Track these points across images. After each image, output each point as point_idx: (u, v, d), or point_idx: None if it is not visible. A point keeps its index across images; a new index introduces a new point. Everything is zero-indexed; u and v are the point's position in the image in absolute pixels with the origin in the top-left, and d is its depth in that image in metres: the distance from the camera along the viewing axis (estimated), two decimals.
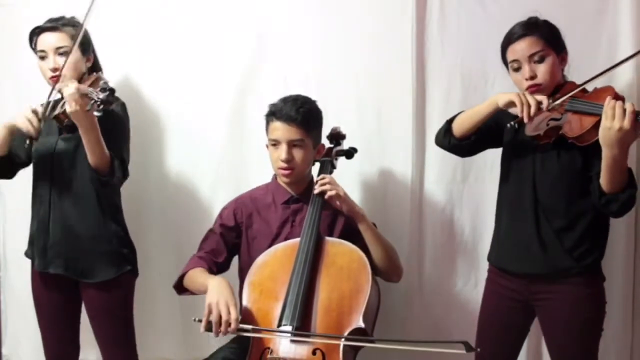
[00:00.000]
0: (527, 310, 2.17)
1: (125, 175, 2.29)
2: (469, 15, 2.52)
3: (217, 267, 2.25)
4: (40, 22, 2.30)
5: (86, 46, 2.29)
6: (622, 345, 2.51)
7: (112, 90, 2.04)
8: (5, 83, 2.84)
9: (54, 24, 2.26)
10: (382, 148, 2.63)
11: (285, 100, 2.23)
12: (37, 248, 2.31)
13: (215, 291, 1.97)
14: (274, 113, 2.20)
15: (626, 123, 1.82)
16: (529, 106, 1.99)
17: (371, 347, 2.07)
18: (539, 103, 2.00)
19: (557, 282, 2.08)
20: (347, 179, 2.54)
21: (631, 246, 2.49)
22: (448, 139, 2.21)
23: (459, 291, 2.59)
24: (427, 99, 2.59)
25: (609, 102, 1.86)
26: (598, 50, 2.42)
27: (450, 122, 2.22)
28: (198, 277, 2.13)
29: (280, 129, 2.18)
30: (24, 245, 2.41)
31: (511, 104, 2.03)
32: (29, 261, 2.39)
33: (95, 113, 2.05)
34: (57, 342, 2.41)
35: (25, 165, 2.37)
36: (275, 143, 2.21)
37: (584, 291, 2.07)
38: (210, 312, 1.93)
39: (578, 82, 2.06)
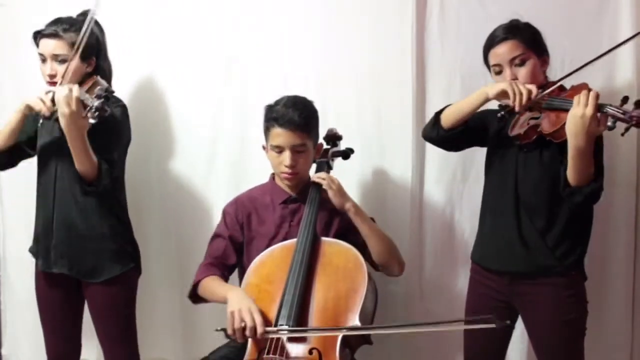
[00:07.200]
0: (510, 309, 2.18)
1: (112, 181, 2.22)
2: (469, 15, 2.52)
3: (229, 270, 2.25)
4: (40, 22, 2.28)
5: (87, 52, 2.22)
6: (622, 345, 2.52)
7: (107, 98, 2.02)
8: (5, 83, 2.84)
9: (55, 31, 2.20)
10: (382, 148, 2.63)
11: (285, 105, 2.18)
12: (42, 247, 2.30)
13: (237, 300, 1.98)
14: (276, 119, 2.16)
15: (589, 109, 1.85)
16: (521, 94, 1.99)
17: (371, 348, 2.08)
18: (530, 92, 2.01)
19: (538, 282, 2.09)
20: (347, 179, 2.53)
21: (631, 246, 2.49)
22: (436, 131, 2.22)
23: (459, 291, 2.58)
24: (427, 99, 2.59)
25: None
26: (598, 50, 2.38)
27: (439, 113, 2.23)
28: (215, 287, 2.13)
29: (283, 135, 2.16)
30: (23, 245, 2.41)
31: (503, 93, 2.02)
32: (28, 261, 2.40)
33: (91, 120, 2.03)
34: (59, 341, 2.40)
35: (29, 156, 2.34)
36: (278, 150, 2.19)
37: (566, 292, 2.09)
38: (233, 320, 1.93)
39: (576, 82, 2.06)
